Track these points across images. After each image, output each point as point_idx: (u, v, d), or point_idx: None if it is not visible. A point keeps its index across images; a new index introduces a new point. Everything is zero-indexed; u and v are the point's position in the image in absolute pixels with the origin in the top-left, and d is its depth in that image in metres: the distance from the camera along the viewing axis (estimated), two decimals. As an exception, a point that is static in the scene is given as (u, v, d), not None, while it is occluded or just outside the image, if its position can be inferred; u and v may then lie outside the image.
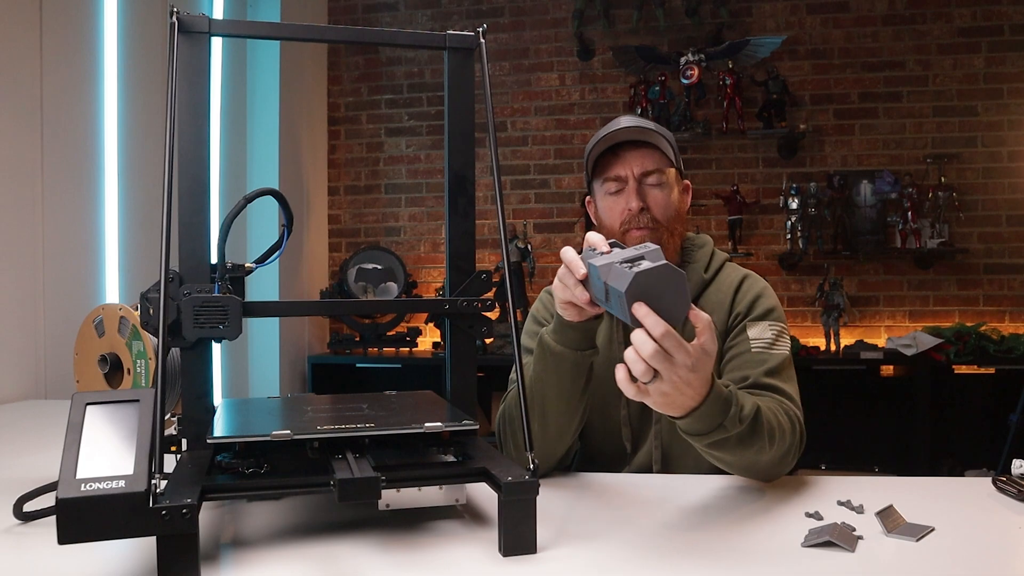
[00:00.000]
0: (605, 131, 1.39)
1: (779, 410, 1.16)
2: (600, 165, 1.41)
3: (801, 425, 1.21)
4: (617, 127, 1.38)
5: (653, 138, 1.38)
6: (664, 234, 1.37)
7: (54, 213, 2.32)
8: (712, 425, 1.01)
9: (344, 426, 0.91)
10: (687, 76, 3.89)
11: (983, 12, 3.84)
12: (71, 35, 2.44)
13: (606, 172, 1.39)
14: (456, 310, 1.11)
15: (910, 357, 3.54)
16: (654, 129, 1.39)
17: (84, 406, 0.79)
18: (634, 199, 1.36)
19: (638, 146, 1.38)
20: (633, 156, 1.38)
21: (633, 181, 1.37)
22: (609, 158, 1.39)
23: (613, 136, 1.37)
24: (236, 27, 1.33)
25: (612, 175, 1.39)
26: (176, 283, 0.97)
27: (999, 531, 0.96)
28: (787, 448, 1.13)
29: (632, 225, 1.36)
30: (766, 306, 1.36)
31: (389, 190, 4.39)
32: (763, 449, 1.07)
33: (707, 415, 0.99)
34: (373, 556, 0.85)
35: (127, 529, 0.72)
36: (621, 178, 1.38)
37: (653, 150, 1.39)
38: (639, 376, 0.90)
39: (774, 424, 1.11)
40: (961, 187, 3.82)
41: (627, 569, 0.83)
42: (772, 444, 1.09)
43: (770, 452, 1.09)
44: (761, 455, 1.08)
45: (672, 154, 1.40)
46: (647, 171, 1.37)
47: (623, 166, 1.38)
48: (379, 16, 4.36)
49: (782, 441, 1.12)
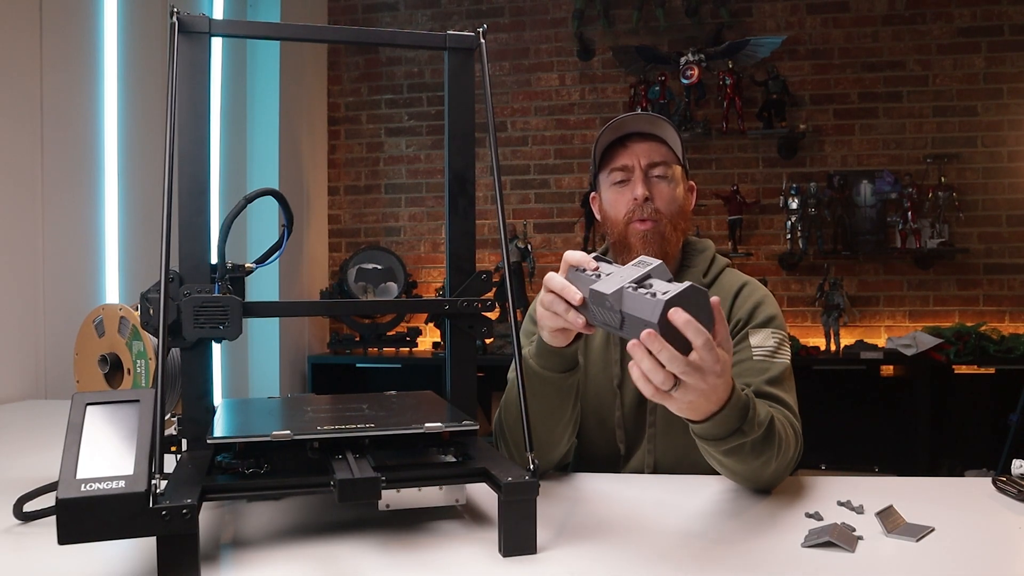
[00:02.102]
0: (614, 121, 1.38)
1: (784, 422, 1.16)
2: (607, 156, 1.40)
3: (801, 437, 1.21)
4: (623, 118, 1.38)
5: (662, 130, 1.38)
6: (667, 227, 1.36)
7: (54, 213, 2.32)
8: (730, 429, 1.00)
9: (344, 426, 0.91)
10: (687, 76, 3.89)
11: (983, 12, 3.84)
12: (71, 35, 2.44)
13: (613, 162, 1.39)
14: (456, 310, 1.10)
15: (910, 357, 3.54)
16: (664, 121, 1.38)
17: (84, 406, 0.79)
18: (639, 187, 1.35)
19: (646, 138, 1.38)
20: (640, 147, 1.37)
21: (640, 171, 1.36)
22: (617, 148, 1.39)
23: (622, 124, 1.37)
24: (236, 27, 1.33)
25: (619, 165, 1.38)
26: (176, 283, 0.97)
27: (999, 531, 0.96)
28: (789, 460, 1.13)
29: (636, 216, 1.35)
30: (767, 313, 1.35)
31: (389, 190, 4.39)
32: (771, 459, 1.07)
33: (727, 419, 0.98)
34: (373, 556, 0.85)
35: (127, 529, 0.72)
36: (628, 168, 1.37)
37: (661, 143, 1.39)
38: (659, 385, 0.86)
39: (783, 435, 1.11)
40: (961, 187, 3.82)
41: (627, 570, 0.83)
42: (779, 454, 1.08)
43: (775, 463, 1.08)
44: (768, 466, 1.07)
45: (679, 150, 1.40)
46: (654, 162, 1.37)
47: (630, 156, 1.37)
48: (379, 16, 4.36)
49: (786, 453, 1.12)
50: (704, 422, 0.98)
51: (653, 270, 0.85)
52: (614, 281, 0.87)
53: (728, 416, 0.98)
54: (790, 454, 1.13)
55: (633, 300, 0.84)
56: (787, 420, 1.18)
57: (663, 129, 1.38)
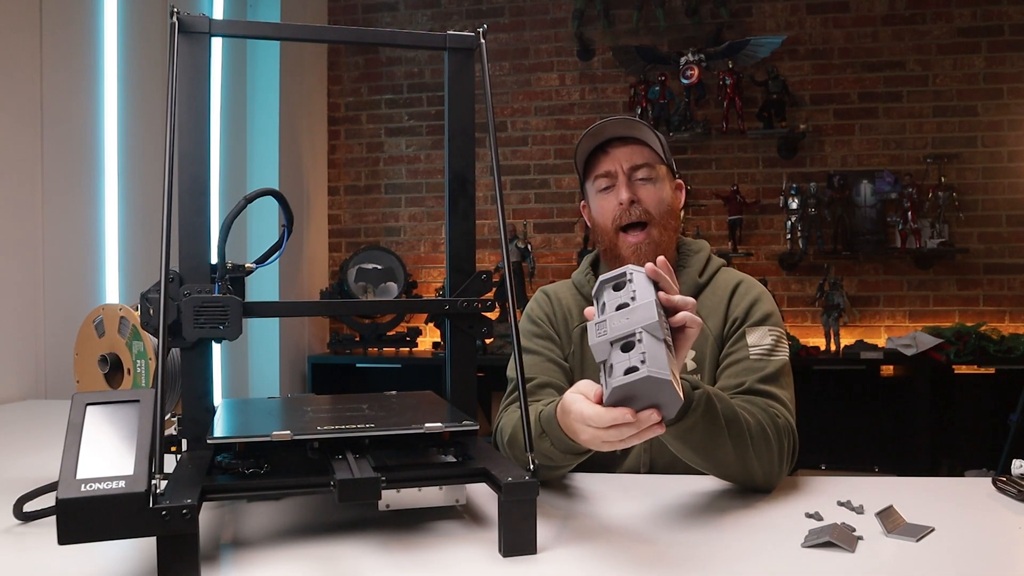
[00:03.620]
0: (591, 128, 1.38)
1: (763, 415, 1.16)
2: (590, 164, 1.41)
3: (793, 431, 1.20)
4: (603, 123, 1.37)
5: (640, 132, 1.38)
6: (657, 229, 1.36)
7: (54, 213, 2.32)
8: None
9: (344, 426, 0.91)
10: (687, 76, 3.89)
11: (983, 12, 3.84)
12: (71, 35, 2.44)
13: (596, 169, 1.39)
14: (456, 310, 1.10)
15: (910, 357, 3.54)
16: (640, 123, 1.38)
17: (84, 406, 0.79)
18: (624, 191, 1.35)
19: (626, 142, 1.38)
20: (621, 151, 1.37)
21: (623, 175, 1.36)
22: (599, 156, 1.39)
23: (600, 130, 1.37)
24: (236, 27, 1.33)
25: (602, 171, 1.38)
26: (176, 283, 0.97)
27: (999, 531, 0.96)
28: (776, 454, 1.13)
29: (624, 220, 1.35)
30: (764, 311, 1.35)
31: (389, 190, 4.39)
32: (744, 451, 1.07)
33: None
34: (373, 556, 0.85)
35: (127, 529, 0.73)
36: (611, 174, 1.37)
37: (642, 146, 1.38)
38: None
39: (758, 430, 1.11)
40: (961, 187, 3.82)
41: (627, 569, 0.83)
42: (756, 447, 1.08)
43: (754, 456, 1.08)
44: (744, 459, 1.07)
45: (662, 150, 1.39)
46: (636, 165, 1.37)
47: (611, 162, 1.37)
48: (379, 16, 4.36)
49: (769, 448, 1.11)
50: None
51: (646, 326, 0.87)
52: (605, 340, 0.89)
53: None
54: (773, 447, 1.12)
55: (610, 372, 0.88)
56: (767, 413, 1.17)
57: (640, 131, 1.38)
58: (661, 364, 0.84)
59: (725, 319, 1.36)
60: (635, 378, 0.84)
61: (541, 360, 1.38)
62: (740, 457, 1.09)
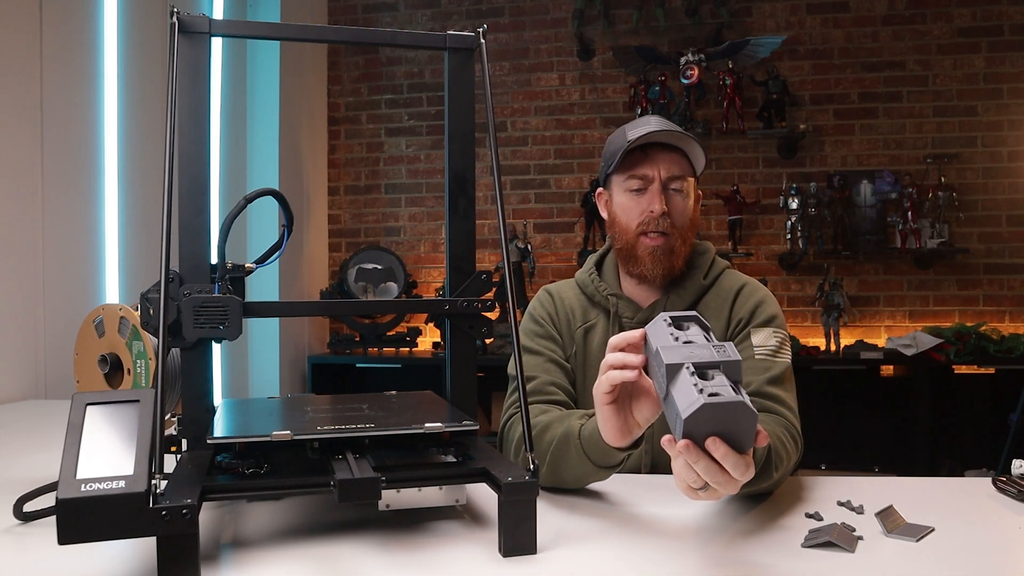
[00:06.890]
0: (640, 129, 1.36)
1: (785, 435, 1.15)
2: (627, 161, 1.38)
3: (800, 440, 1.21)
4: (649, 128, 1.35)
5: (686, 144, 1.38)
6: (677, 241, 1.37)
7: (54, 213, 2.32)
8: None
9: (344, 426, 0.91)
10: (687, 76, 3.89)
11: (983, 12, 3.84)
12: (71, 35, 2.44)
13: (632, 169, 1.37)
14: (456, 310, 1.10)
15: (910, 357, 3.54)
16: (691, 137, 1.38)
17: (84, 406, 0.79)
18: (658, 202, 1.35)
19: (668, 149, 1.38)
20: (663, 158, 1.37)
21: (659, 183, 1.36)
22: (637, 155, 1.37)
23: (650, 136, 1.35)
24: (236, 27, 1.33)
25: (639, 173, 1.37)
26: (176, 283, 0.97)
27: (999, 531, 0.96)
28: (786, 469, 1.14)
29: (649, 228, 1.35)
30: (769, 313, 1.35)
31: (389, 190, 4.39)
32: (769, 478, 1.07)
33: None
34: (373, 556, 0.85)
35: (127, 529, 0.73)
36: (648, 178, 1.37)
37: (682, 156, 1.38)
38: (691, 483, 0.82)
39: (782, 455, 1.11)
40: (961, 187, 3.82)
41: (627, 570, 0.83)
42: (778, 471, 1.09)
43: (775, 478, 1.09)
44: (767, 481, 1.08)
45: (699, 163, 1.40)
46: (673, 175, 1.37)
47: (651, 167, 1.36)
48: (379, 16, 4.36)
49: (787, 465, 1.12)
50: None
51: (727, 362, 0.79)
52: (682, 353, 0.81)
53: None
54: (789, 467, 1.14)
55: (682, 384, 0.79)
56: (784, 429, 1.17)
57: (686, 142, 1.37)
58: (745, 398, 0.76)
59: (729, 321, 1.36)
60: (730, 400, 0.75)
61: (542, 360, 1.38)
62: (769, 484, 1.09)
